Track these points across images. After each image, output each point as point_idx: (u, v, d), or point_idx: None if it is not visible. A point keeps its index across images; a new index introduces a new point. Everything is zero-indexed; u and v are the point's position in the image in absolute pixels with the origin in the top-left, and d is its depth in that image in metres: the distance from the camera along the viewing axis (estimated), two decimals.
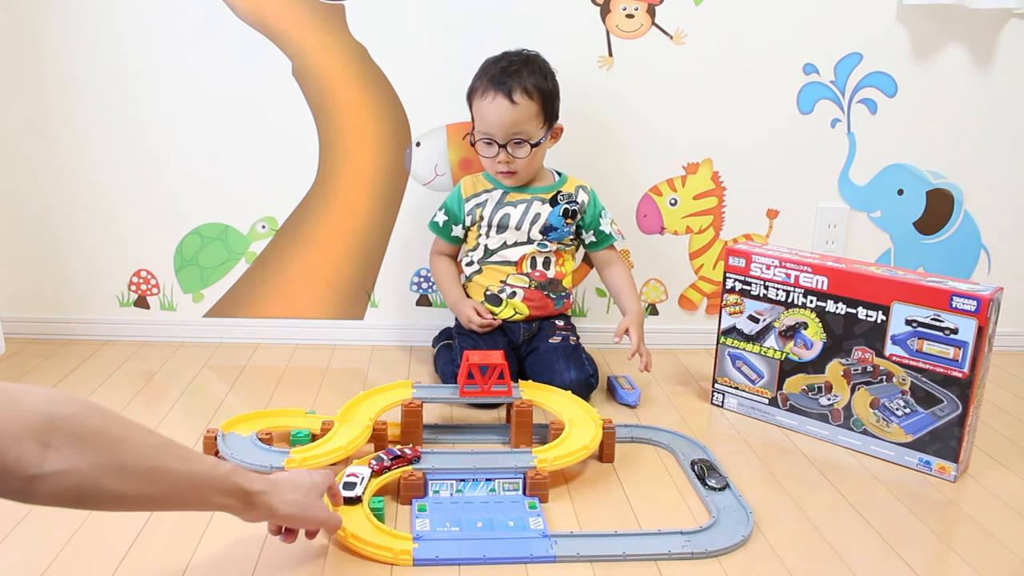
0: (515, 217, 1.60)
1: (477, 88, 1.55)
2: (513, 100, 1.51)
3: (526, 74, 1.53)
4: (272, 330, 1.80)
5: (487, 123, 1.54)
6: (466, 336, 1.61)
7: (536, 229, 1.60)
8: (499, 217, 1.60)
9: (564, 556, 1.05)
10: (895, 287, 1.33)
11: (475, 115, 1.57)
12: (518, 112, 1.51)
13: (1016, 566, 1.10)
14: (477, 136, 1.57)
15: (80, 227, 1.74)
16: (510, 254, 1.61)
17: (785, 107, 1.77)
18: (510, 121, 1.52)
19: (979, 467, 1.36)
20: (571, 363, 1.53)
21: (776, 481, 1.29)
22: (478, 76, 1.56)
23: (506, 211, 1.60)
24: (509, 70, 1.53)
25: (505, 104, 1.51)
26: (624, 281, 1.65)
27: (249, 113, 1.70)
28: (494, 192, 1.62)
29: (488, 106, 1.52)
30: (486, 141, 1.55)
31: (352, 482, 1.13)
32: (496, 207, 1.61)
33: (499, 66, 1.54)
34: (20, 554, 1.03)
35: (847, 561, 1.08)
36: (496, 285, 1.62)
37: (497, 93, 1.51)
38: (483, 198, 1.62)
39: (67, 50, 1.64)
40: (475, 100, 1.55)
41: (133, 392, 1.52)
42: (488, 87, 1.53)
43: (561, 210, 1.60)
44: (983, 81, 1.78)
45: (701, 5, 1.70)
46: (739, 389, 1.54)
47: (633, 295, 1.63)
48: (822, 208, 1.84)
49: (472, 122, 1.59)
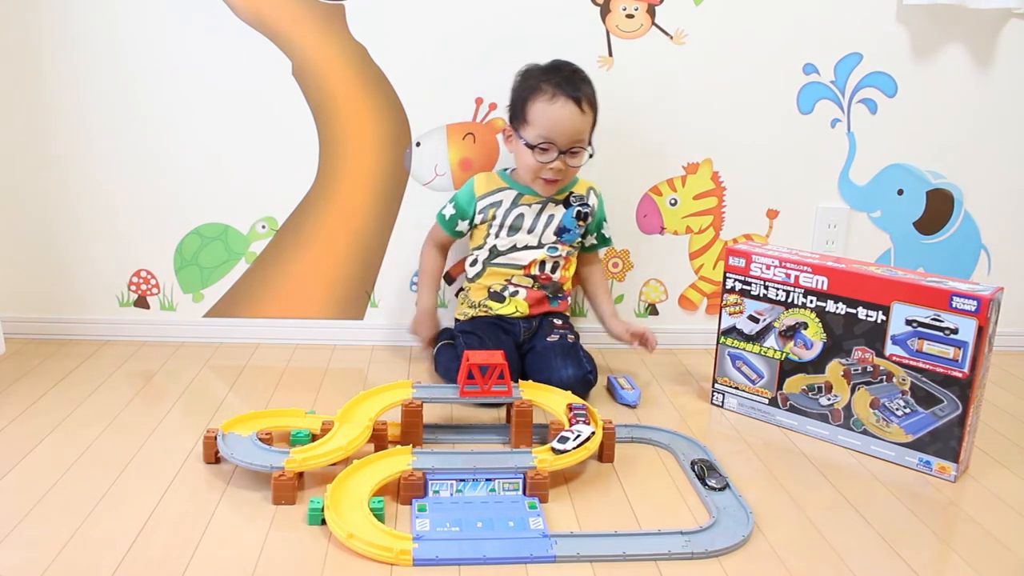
0: (529, 219, 1.60)
1: (540, 91, 1.51)
2: (582, 108, 1.50)
3: (585, 84, 1.53)
4: (272, 330, 1.80)
5: (552, 127, 1.51)
6: (471, 335, 1.60)
7: (550, 231, 1.61)
8: (512, 218, 1.60)
9: (564, 556, 1.05)
10: (895, 287, 1.33)
11: (534, 118, 1.52)
12: (584, 121, 1.52)
13: (1016, 566, 1.10)
14: (534, 139, 1.52)
15: (80, 227, 1.74)
16: (520, 257, 1.61)
17: (785, 107, 1.77)
18: (578, 128, 1.51)
19: (979, 467, 1.36)
20: (568, 360, 1.53)
21: (776, 481, 1.29)
22: (538, 79, 1.53)
23: (520, 212, 1.60)
24: (574, 78, 1.52)
25: (576, 111, 1.50)
26: (604, 284, 1.75)
27: (249, 113, 1.70)
28: (509, 192, 1.61)
29: (559, 111, 1.50)
30: (544, 146, 1.52)
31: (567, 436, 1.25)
32: (511, 207, 1.60)
33: (562, 74, 1.52)
34: (20, 554, 1.03)
35: (847, 561, 1.08)
36: (500, 284, 1.63)
37: (568, 99, 1.50)
38: (498, 197, 1.61)
39: (67, 50, 1.64)
40: (537, 103, 1.51)
41: (133, 392, 1.52)
42: (558, 92, 1.50)
43: (575, 212, 1.61)
44: (983, 81, 1.78)
45: (701, 5, 1.70)
46: (739, 389, 1.54)
47: (611, 299, 1.75)
48: (822, 208, 1.84)
49: (518, 123, 1.56)
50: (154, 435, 1.35)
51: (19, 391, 1.50)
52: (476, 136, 1.74)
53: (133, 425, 1.38)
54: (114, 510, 1.13)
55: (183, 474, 1.23)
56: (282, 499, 1.15)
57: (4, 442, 1.31)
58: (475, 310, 1.65)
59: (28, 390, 1.51)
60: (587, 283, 1.74)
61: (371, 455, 1.23)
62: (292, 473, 1.16)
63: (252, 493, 1.18)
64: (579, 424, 1.28)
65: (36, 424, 1.37)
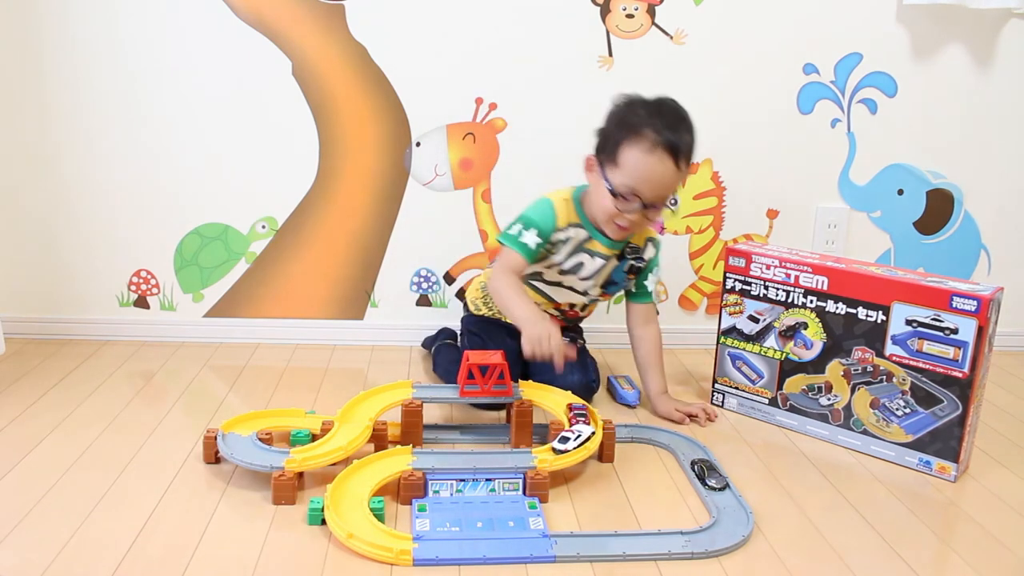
0: (587, 269, 1.48)
1: (640, 136, 1.35)
2: (679, 165, 1.36)
3: (689, 135, 1.38)
4: (272, 330, 1.80)
5: (643, 181, 1.36)
6: (475, 336, 1.58)
7: (598, 283, 1.51)
8: (571, 264, 1.48)
9: (564, 556, 1.05)
10: (895, 287, 1.33)
11: (625, 165, 1.36)
12: (678, 178, 1.39)
13: (1016, 566, 1.10)
14: (619, 187, 1.37)
15: (80, 227, 1.74)
16: (558, 295, 1.53)
17: (785, 107, 1.77)
18: (669, 185, 1.38)
19: (979, 467, 1.36)
20: (575, 366, 1.50)
21: (776, 481, 1.29)
22: (635, 123, 1.36)
23: (581, 260, 1.47)
24: (679, 128, 1.36)
25: (672, 169, 1.36)
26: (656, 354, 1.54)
27: (249, 113, 1.70)
28: (579, 231, 1.46)
29: (655, 165, 1.34)
30: (628, 196, 1.37)
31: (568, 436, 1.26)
32: (575, 251, 1.47)
33: (665, 121, 1.36)
34: (20, 554, 1.03)
35: (847, 561, 1.08)
36: None
37: (667, 154, 1.34)
38: (570, 234, 1.46)
39: (67, 50, 1.64)
40: (633, 149, 1.35)
41: (133, 392, 1.52)
42: (658, 143, 1.34)
43: (627, 266, 1.51)
44: (983, 81, 1.78)
45: (701, 5, 1.70)
46: (739, 389, 1.54)
47: (661, 373, 1.54)
48: (822, 208, 1.83)
49: (603, 161, 1.40)
50: (154, 435, 1.35)
51: (19, 391, 1.50)
52: (476, 136, 1.74)
53: (133, 425, 1.38)
54: (114, 510, 1.13)
55: (183, 474, 1.23)
56: (282, 499, 1.15)
57: (4, 442, 1.31)
58: (490, 311, 1.60)
59: (28, 390, 1.51)
60: (637, 348, 1.56)
61: (371, 455, 1.23)
62: (292, 473, 1.16)
63: (252, 493, 1.18)
64: (579, 424, 1.28)
65: (36, 424, 1.37)
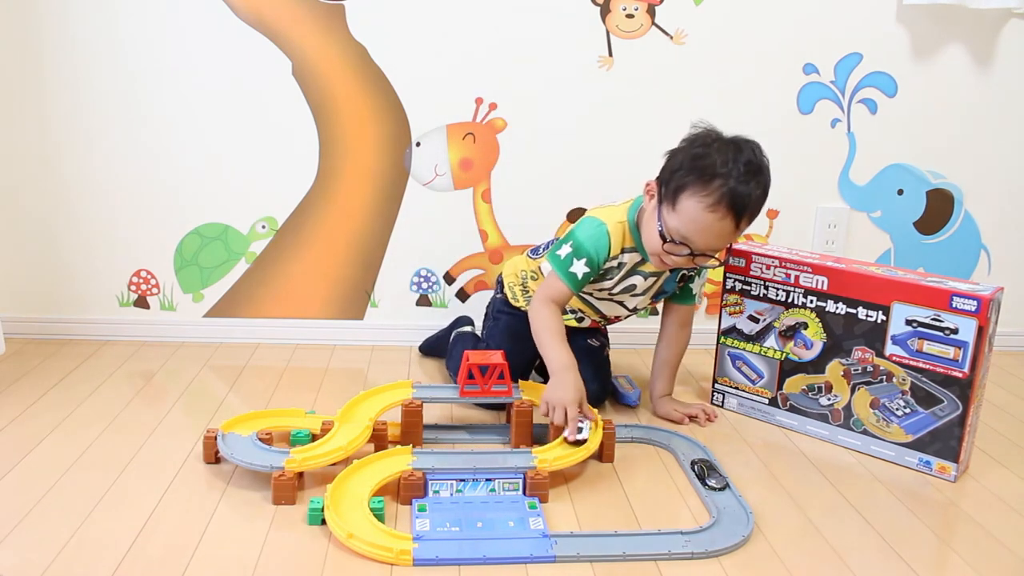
0: (640, 288, 1.46)
1: (704, 187, 1.26)
2: (739, 225, 1.29)
3: (759, 191, 1.29)
4: (272, 330, 1.80)
5: (698, 233, 1.28)
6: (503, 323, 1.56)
7: (649, 296, 1.48)
8: (624, 286, 1.45)
9: (564, 556, 1.05)
10: (895, 287, 1.33)
11: (683, 212, 1.28)
12: (735, 236, 1.32)
13: (1016, 566, 1.10)
14: (671, 232, 1.30)
15: (80, 227, 1.74)
16: (607, 309, 1.51)
17: (785, 107, 1.77)
18: (725, 242, 1.32)
19: (979, 467, 1.36)
20: (598, 374, 1.50)
21: (776, 481, 1.29)
22: (706, 165, 1.27)
23: (634, 281, 1.44)
24: (748, 184, 1.26)
25: (731, 228, 1.28)
26: (678, 358, 1.54)
27: (249, 113, 1.70)
28: (633, 255, 1.42)
29: (713, 223, 1.27)
30: (677, 241, 1.30)
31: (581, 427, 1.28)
32: (629, 273, 1.43)
33: (737, 171, 1.26)
34: (20, 554, 1.03)
35: (847, 561, 1.08)
36: (570, 310, 1.53)
37: (729, 213, 1.26)
38: (624, 260, 1.42)
39: (67, 50, 1.64)
40: (694, 199, 1.27)
41: (133, 392, 1.52)
42: (722, 201, 1.25)
43: (679, 275, 1.48)
44: (983, 81, 1.78)
45: (701, 5, 1.70)
46: (739, 389, 1.54)
47: (673, 377, 1.54)
48: (822, 208, 1.83)
49: (665, 195, 1.31)
50: (154, 435, 1.35)
51: (19, 391, 1.50)
52: (476, 136, 1.74)
53: (133, 425, 1.38)
54: (114, 510, 1.13)
55: (183, 474, 1.23)
56: (282, 499, 1.15)
57: (4, 442, 1.31)
58: (527, 303, 1.54)
59: (28, 390, 1.51)
60: (664, 348, 1.54)
61: (371, 455, 1.23)
62: (292, 473, 1.16)
63: (252, 493, 1.18)
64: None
65: (36, 424, 1.37)
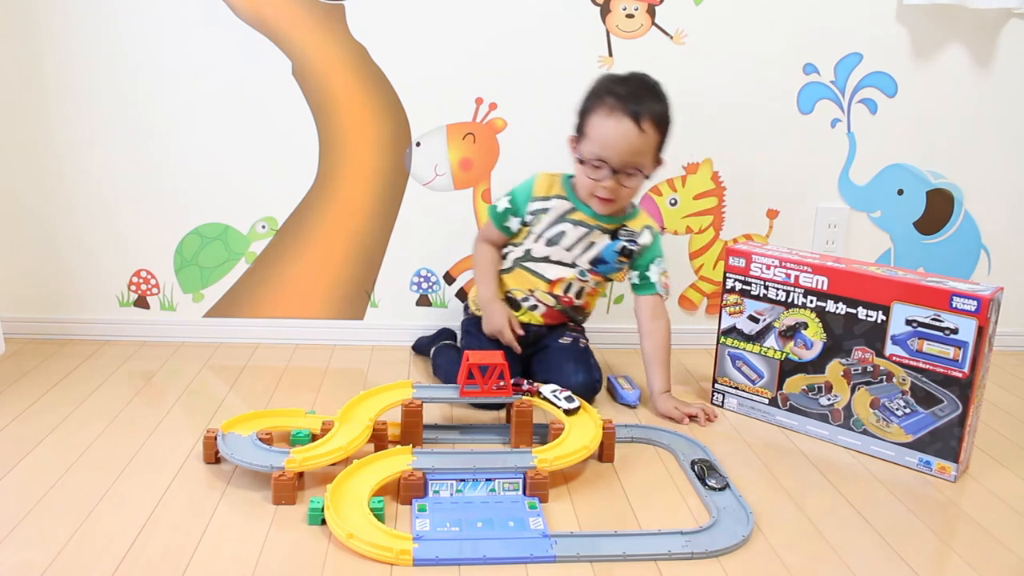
0: (569, 238, 1.50)
1: (599, 105, 1.43)
2: (641, 128, 1.40)
3: (653, 102, 1.43)
4: (272, 330, 1.80)
5: (606, 145, 1.41)
6: (472, 337, 1.58)
7: (587, 257, 1.52)
8: (554, 232, 1.51)
9: (564, 556, 1.05)
10: (895, 287, 1.33)
11: (590, 133, 1.43)
12: (643, 141, 1.41)
13: (1016, 566, 1.10)
14: (586, 155, 1.44)
15: (80, 227, 1.74)
16: (549, 271, 1.53)
17: (785, 107, 1.77)
18: (633, 149, 1.41)
19: (979, 467, 1.36)
20: (580, 366, 1.51)
21: (776, 481, 1.29)
22: (599, 92, 1.44)
23: (563, 229, 1.50)
24: (638, 94, 1.42)
25: (633, 130, 1.40)
26: (662, 350, 1.53)
27: (249, 113, 1.70)
28: (562, 203, 1.51)
29: (613, 128, 1.40)
30: (596, 163, 1.43)
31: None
32: (556, 220, 1.50)
33: (627, 88, 1.43)
34: (20, 554, 1.03)
35: (847, 561, 1.08)
36: (521, 292, 1.56)
37: (625, 116, 1.40)
38: (549, 204, 1.51)
39: (67, 50, 1.64)
40: (594, 117, 1.43)
41: (133, 392, 1.52)
42: (616, 107, 1.40)
43: (619, 246, 1.50)
44: (983, 81, 1.78)
45: (701, 5, 1.70)
46: (739, 389, 1.54)
47: (665, 371, 1.52)
48: (822, 208, 1.83)
49: (578, 137, 1.48)
50: (154, 435, 1.35)
51: (19, 391, 1.50)
52: (476, 136, 1.74)
53: (133, 425, 1.38)
54: (114, 510, 1.13)
55: (183, 474, 1.23)
56: (282, 499, 1.15)
57: (4, 442, 1.31)
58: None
59: (28, 390, 1.51)
60: (644, 343, 1.55)
61: (371, 455, 1.23)
62: (292, 473, 1.16)
63: (252, 493, 1.18)
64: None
65: (36, 424, 1.37)
